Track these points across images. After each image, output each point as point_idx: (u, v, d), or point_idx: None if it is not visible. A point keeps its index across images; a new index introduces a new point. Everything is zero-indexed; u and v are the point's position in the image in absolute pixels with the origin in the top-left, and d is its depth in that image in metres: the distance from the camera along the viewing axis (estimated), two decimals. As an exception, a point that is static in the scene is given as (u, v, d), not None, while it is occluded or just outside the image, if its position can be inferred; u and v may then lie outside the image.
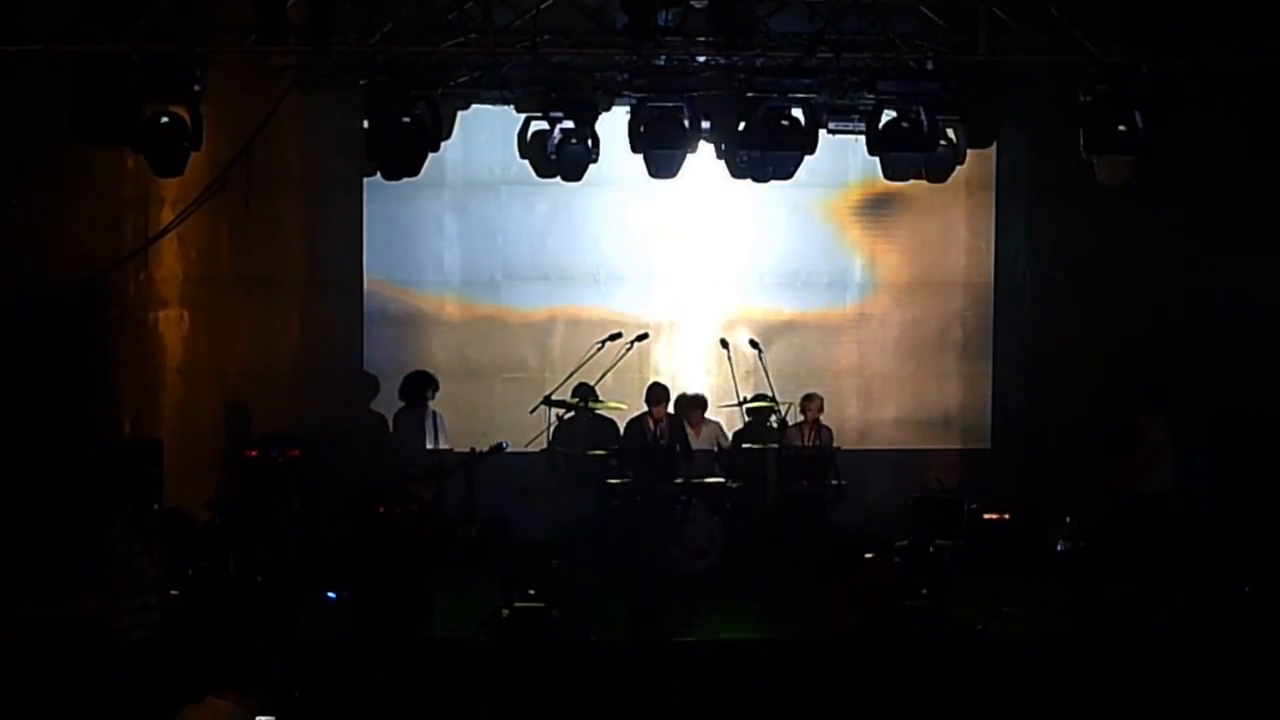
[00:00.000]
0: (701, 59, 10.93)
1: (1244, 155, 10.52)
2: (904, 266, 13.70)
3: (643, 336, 12.73)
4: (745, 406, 12.47)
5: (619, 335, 12.52)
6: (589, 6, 10.36)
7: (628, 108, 11.47)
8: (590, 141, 11.70)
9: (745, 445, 12.42)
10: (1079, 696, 9.61)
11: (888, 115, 11.03)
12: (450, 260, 13.29)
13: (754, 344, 12.71)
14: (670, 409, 12.52)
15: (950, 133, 11.94)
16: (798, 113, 10.94)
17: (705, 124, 11.45)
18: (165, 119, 9.93)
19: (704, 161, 12.31)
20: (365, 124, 10.94)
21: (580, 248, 13.41)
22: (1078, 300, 13.38)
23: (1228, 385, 12.19)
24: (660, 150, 11.20)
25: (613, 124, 11.80)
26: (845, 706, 9.62)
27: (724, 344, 12.65)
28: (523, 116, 12.25)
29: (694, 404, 12.70)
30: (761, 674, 9.83)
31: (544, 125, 11.95)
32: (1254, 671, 9.67)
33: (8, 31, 9.37)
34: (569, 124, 11.71)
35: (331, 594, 10.60)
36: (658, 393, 12.41)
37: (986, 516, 12.40)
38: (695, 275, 13.50)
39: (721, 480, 12.20)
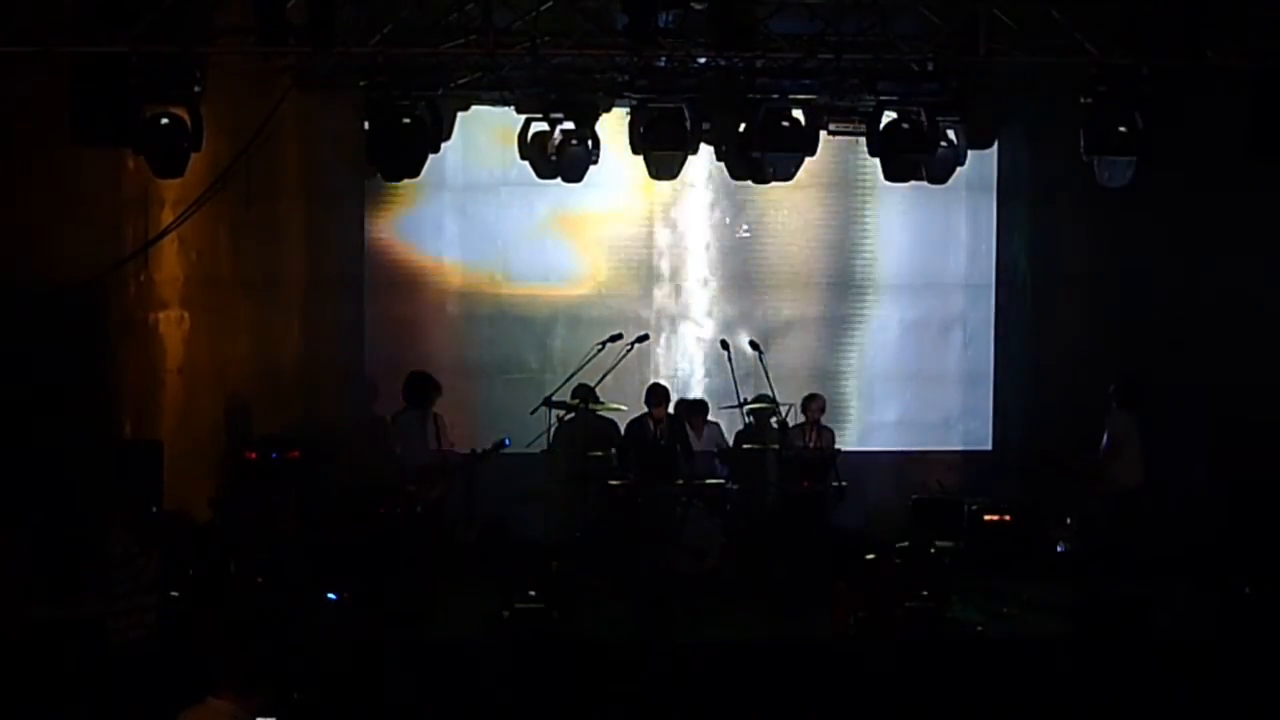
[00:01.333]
0: (701, 60, 10.92)
1: (1244, 155, 10.52)
2: (905, 268, 13.69)
3: (643, 338, 12.72)
4: (746, 408, 12.46)
5: (619, 336, 12.51)
6: (589, 8, 10.35)
7: (628, 109, 11.48)
8: (590, 142, 11.72)
9: (746, 446, 12.42)
10: (1079, 698, 9.60)
11: (888, 116, 11.06)
12: (450, 261, 13.28)
13: (754, 345, 12.70)
14: (670, 410, 12.51)
15: (951, 134, 11.94)
16: (798, 114, 10.96)
17: (705, 125, 11.46)
18: (165, 120, 9.94)
19: (704, 162, 12.32)
20: (365, 125, 10.95)
21: (580, 248, 13.40)
22: (1078, 301, 13.38)
23: (1228, 386, 12.18)
24: (660, 151, 11.23)
25: (613, 125, 11.82)
26: (845, 708, 9.60)
27: (724, 345, 12.63)
28: (523, 118, 12.27)
29: (695, 409, 12.71)
30: (762, 675, 9.82)
31: (544, 126, 11.97)
32: (1254, 673, 9.66)
33: (8, 32, 9.37)
34: (569, 125, 11.73)
35: (332, 595, 10.59)
36: (658, 394, 12.40)
37: (987, 518, 12.41)
38: (695, 276, 13.50)
39: (722, 481, 12.20)
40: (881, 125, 11.08)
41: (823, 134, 11.36)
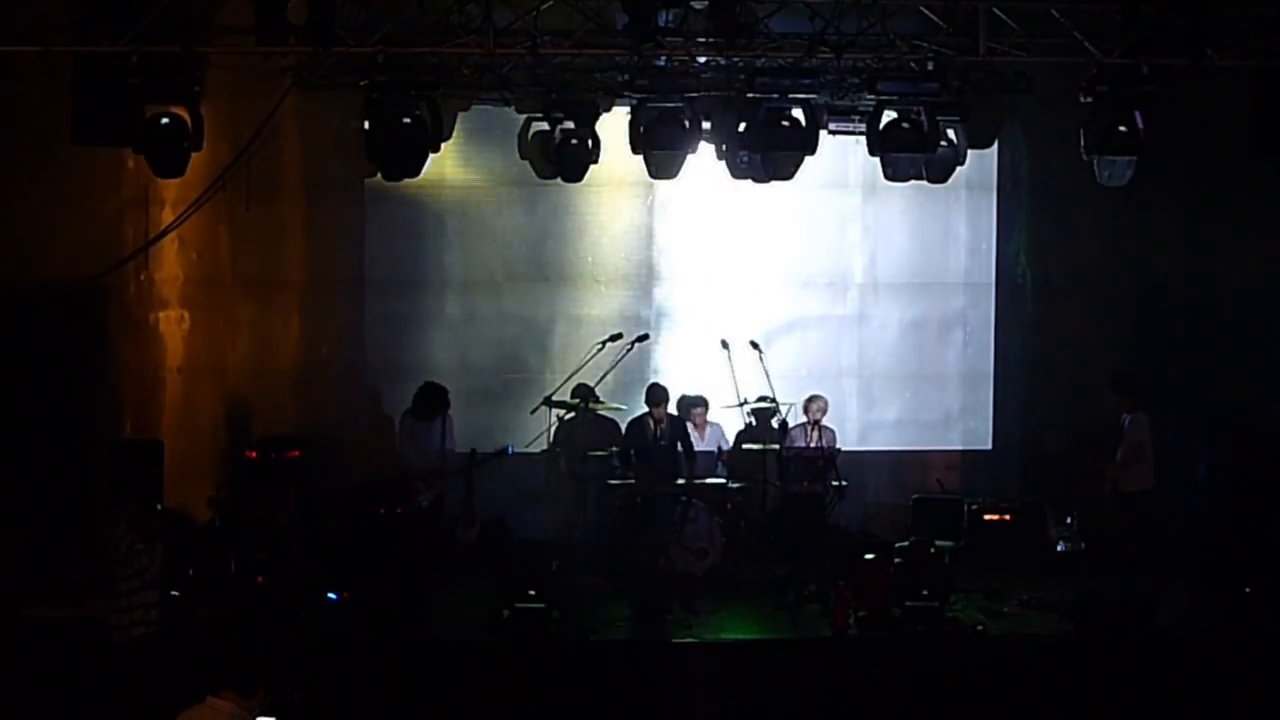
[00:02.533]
0: (702, 59, 10.94)
1: (1244, 155, 10.52)
2: (905, 267, 13.67)
3: (643, 337, 12.71)
4: (747, 408, 12.45)
5: (619, 336, 12.50)
6: (589, 7, 10.36)
7: (628, 108, 11.48)
8: (590, 142, 11.71)
9: (746, 446, 12.42)
10: (1079, 697, 9.61)
11: (888, 116, 11.04)
12: (450, 261, 13.27)
13: (754, 345, 12.68)
14: (671, 409, 12.51)
15: (951, 133, 11.94)
16: (798, 113, 10.94)
17: (705, 124, 11.46)
18: (166, 120, 9.96)
19: (704, 162, 12.31)
20: (365, 125, 10.95)
21: (580, 248, 13.39)
22: (1078, 300, 13.38)
23: (1228, 385, 12.19)
24: (661, 151, 11.21)
25: (613, 125, 11.81)
26: (845, 707, 9.62)
27: (724, 345, 12.63)
28: (523, 117, 12.27)
29: (696, 403, 12.69)
30: (762, 674, 9.83)
31: (544, 126, 11.98)
32: (1254, 672, 9.67)
33: (8, 31, 9.40)
34: (569, 124, 11.72)
35: (332, 595, 10.60)
36: (658, 393, 12.38)
37: (987, 517, 12.42)
38: (695, 276, 13.49)
39: (722, 481, 12.19)
40: (881, 125, 11.06)
41: (823, 133, 11.35)
